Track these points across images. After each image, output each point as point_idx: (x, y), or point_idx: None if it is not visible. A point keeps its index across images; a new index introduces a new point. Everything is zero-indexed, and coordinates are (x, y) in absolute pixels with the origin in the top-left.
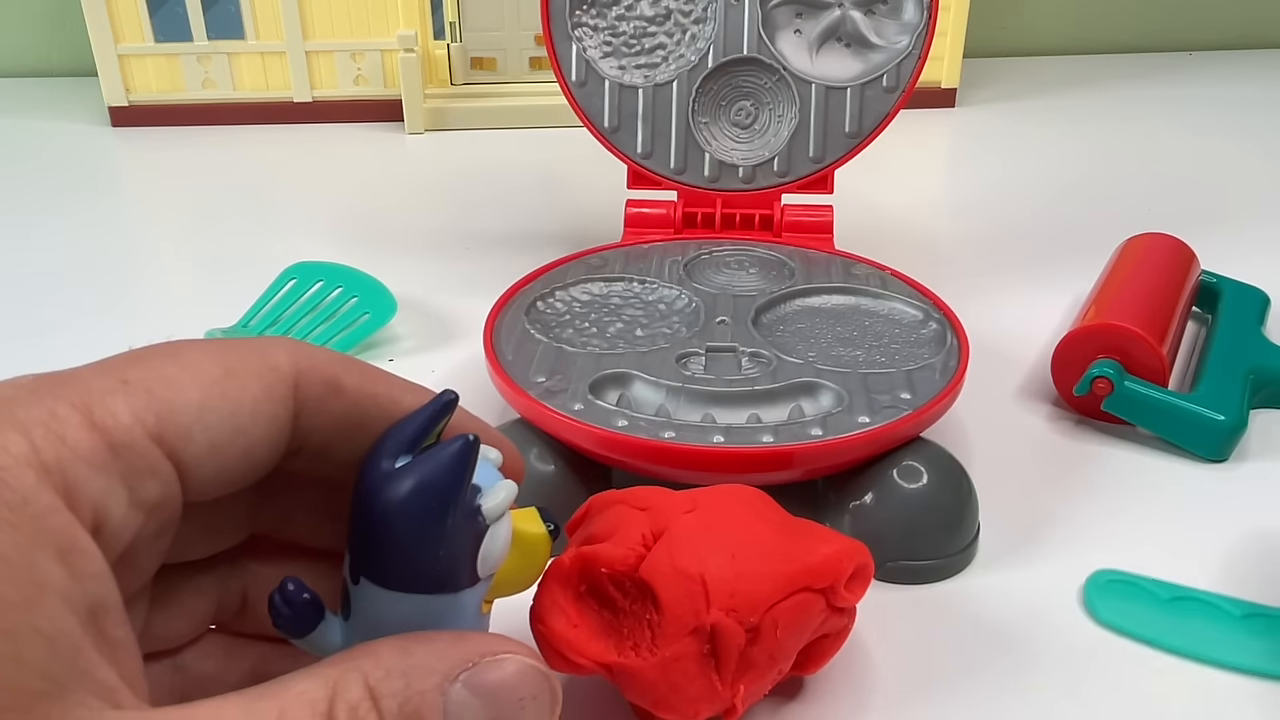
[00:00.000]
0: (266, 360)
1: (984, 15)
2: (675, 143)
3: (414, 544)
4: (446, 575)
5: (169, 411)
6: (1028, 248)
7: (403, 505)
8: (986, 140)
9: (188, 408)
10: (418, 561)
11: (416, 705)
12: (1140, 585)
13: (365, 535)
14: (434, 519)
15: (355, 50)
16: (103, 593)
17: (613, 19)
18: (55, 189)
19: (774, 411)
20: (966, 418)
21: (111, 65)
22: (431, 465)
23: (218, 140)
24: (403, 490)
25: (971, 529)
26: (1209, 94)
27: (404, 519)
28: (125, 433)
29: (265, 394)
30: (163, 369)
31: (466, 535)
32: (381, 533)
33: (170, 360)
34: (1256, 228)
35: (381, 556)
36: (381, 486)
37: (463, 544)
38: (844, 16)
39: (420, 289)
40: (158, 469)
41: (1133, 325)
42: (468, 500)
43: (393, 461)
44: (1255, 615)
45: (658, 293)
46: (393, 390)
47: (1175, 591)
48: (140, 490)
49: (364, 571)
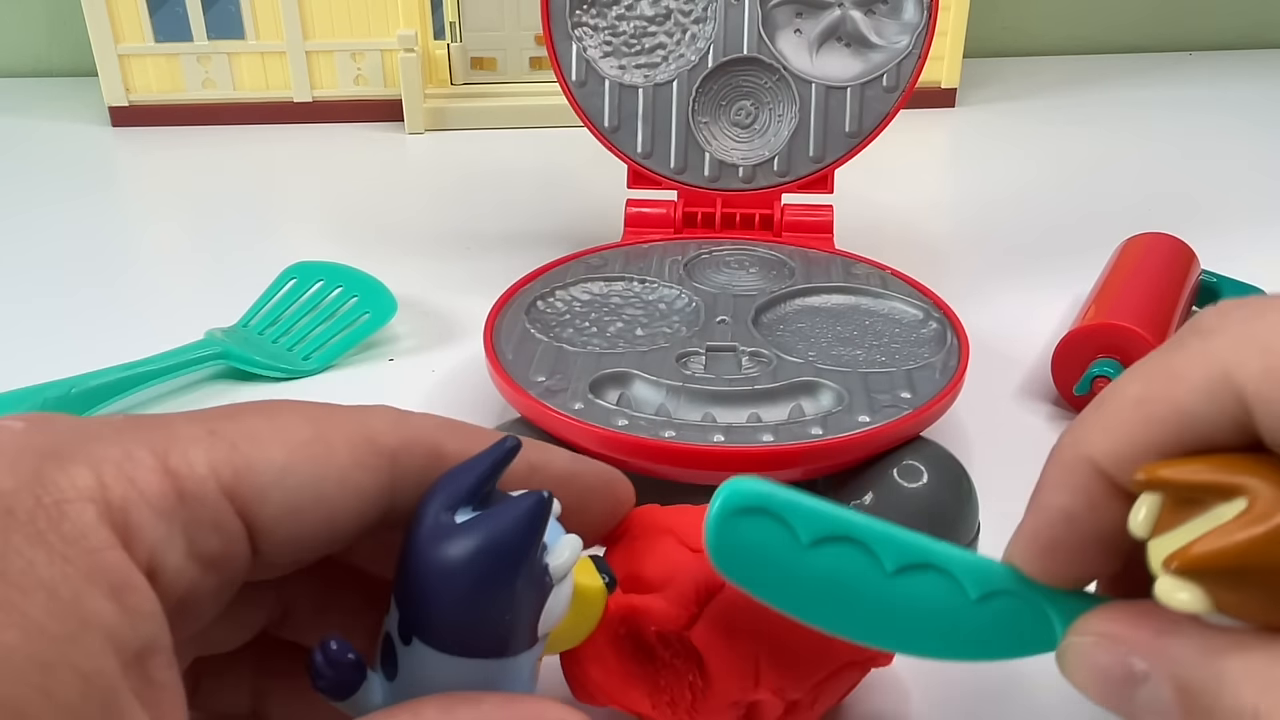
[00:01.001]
0: (364, 429)
1: (984, 15)
2: (675, 142)
3: (478, 608)
4: (507, 639)
5: (249, 468)
6: (1028, 248)
7: (468, 566)
8: (986, 140)
9: (270, 467)
10: (480, 626)
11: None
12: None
13: (421, 594)
14: (503, 583)
15: (355, 50)
16: (153, 633)
17: (613, 19)
18: (55, 189)
19: (774, 411)
20: (966, 417)
21: (111, 65)
22: (501, 524)
23: (218, 140)
24: (468, 550)
25: (971, 528)
26: (1209, 94)
27: (469, 581)
28: (198, 482)
29: (355, 463)
30: (253, 425)
31: (532, 596)
32: (441, 594)
33: (263, 417)
34: (1256, 228)
35: (439, 618)
36: (443, 544)
37: (527, 606)
38: (844, 16)
39: (420, 289)
40: (224, 524)
41: (1133, 325)
42: (536, 560)
43: (452, 515)
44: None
45: (658, 292)
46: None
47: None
48: (201, 543)
49: (417, 632)
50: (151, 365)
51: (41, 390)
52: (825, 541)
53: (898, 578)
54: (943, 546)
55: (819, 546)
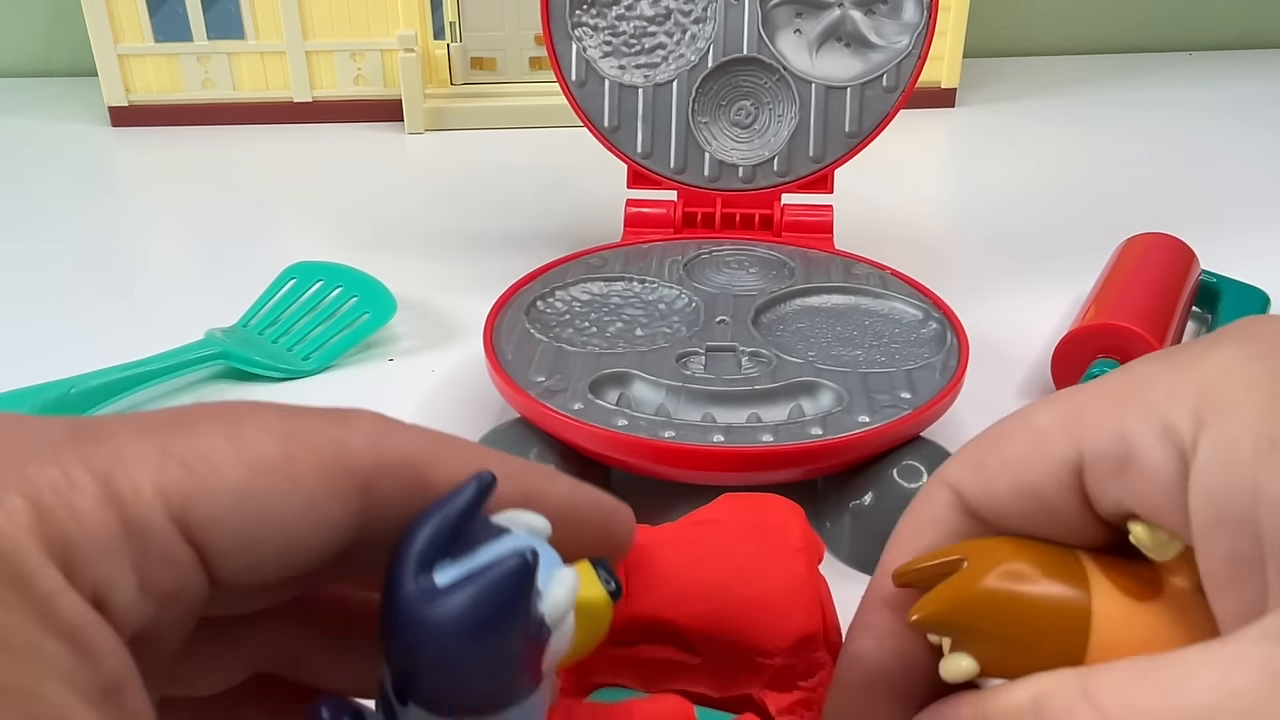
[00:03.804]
0: (337, 448)
1: (984, 15)
2: (675, 142)
3: (471, 671)
4: (510, 690)
5: (202, 493)
6: (1028, 248)
7: (457, 633)
8: (986, 140)
9: (226, 494)
10: (476, 687)
11: None
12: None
13: (410, 660)
14: (495, 647)
15: (355, 50)
16: (117, 668)
17: (613, 19)
18: (55, 189)
19: (774, 411)
20: (966, 417)
21: (111, 65)
22: (485, 589)
23: (218, 140)
24: (454, 616)
25: None
26: (1209, 94)
27: (457, 649)
28: (144, 511)
29: (325, 489)
30: (210, 441)
31: (534, 646)
32: (431, 659)
33: (222, 431)
34: (1256, 228)
35: (432, 684)
36: (426, 611)
37: (526, 656)
38: (844, 16)
39: (420, 289)
40: (176, 557)
41: (1133, 325)
42: (528, 617)
43: (430, 574)
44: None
45: (658, 292)
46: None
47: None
48: (153, 579)
49: (411, 696)
50: (151, 365)
51: (41, 390)
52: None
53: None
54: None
55: None
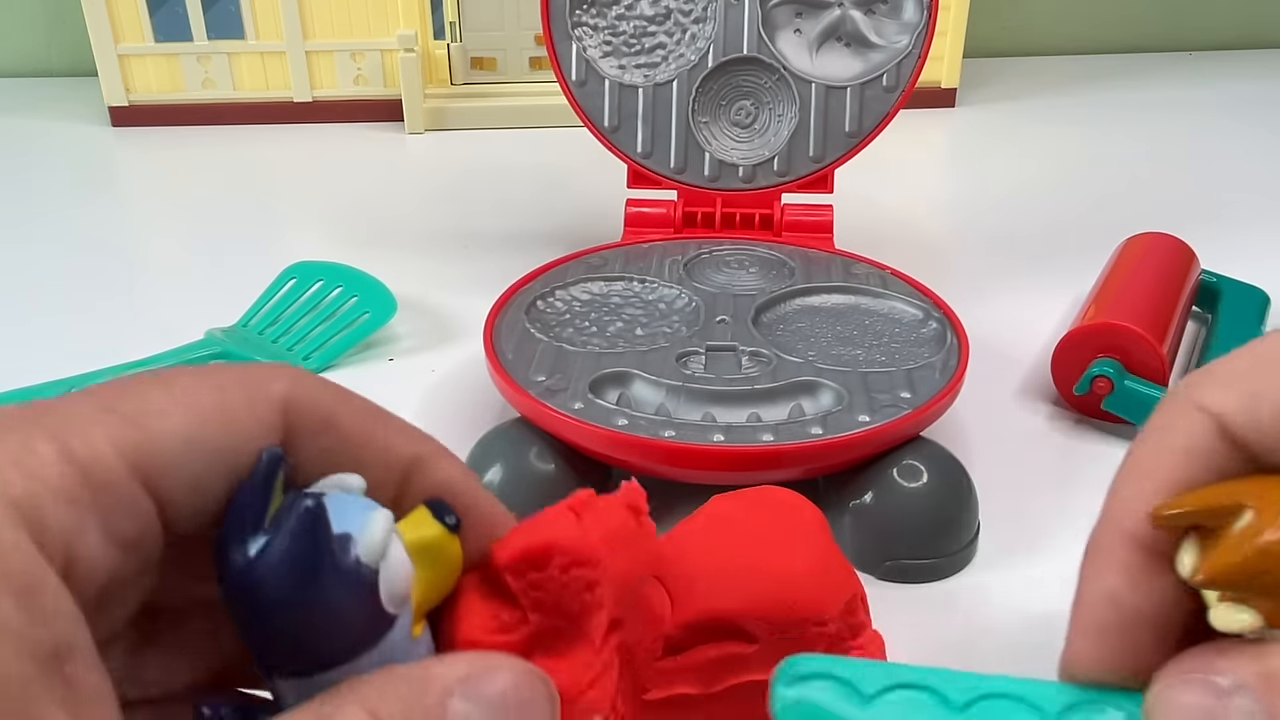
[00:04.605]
0: (260, 389)
1: (984, 15)
2: (675, 142)
3: (307, 627)
4: (359, 634)
5: (151, 443)
6: (1028, 247)
7: (275, 600)
8: (986, 140)
9: (173, 440)
10: (320, 640)
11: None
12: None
13: (252, 633)
14: (317, 596)
15: (355, 50)
16: (67, 635)
17: (613, 18)
18: (55, 189)
19: (774, 410)
20: (966, 417)
21: (111, 65)
22: (284, 544)
23: (218, 140)
24: (268, 585)
25: (971, 528)
26: (1209, 94)
27: (283, 612)
28: (102, 465)
29: (259, 428)
30: (150, 398)
31: (359, 589)
32: (270, 630)
33: (160, 389)
34: (1256, 228)
35: (282, 653)
36: (245, 586)
37: (359, 598)
38: (844, 16)
39: (420, 289)
40: (136, 505)
41: (1133, 324)
42: (340, 559)
43: (245, 551)
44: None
45: (658, 292)
46: (389, 436)
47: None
48: (116, 527)
49: (274, 669)
50: (151, 365)
51: (41, 390)
52: (887, 690)
53: (967, 711)
54: (1004, 679)
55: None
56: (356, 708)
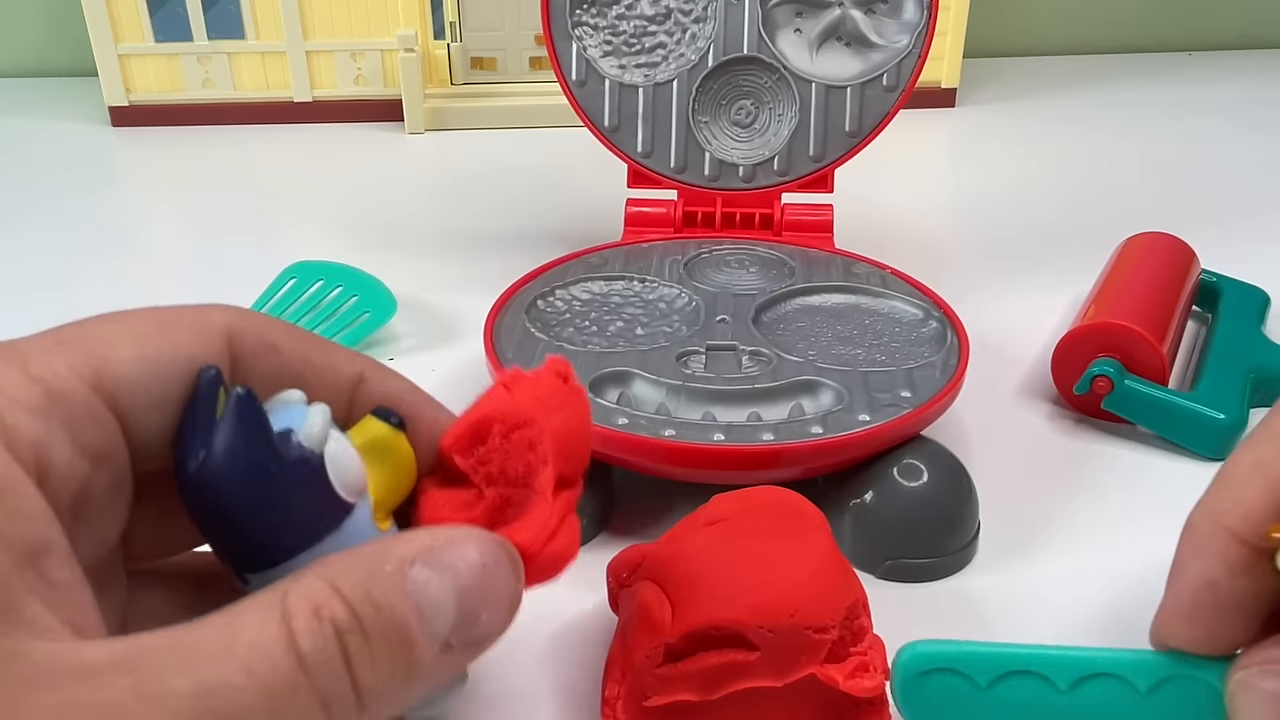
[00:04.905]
0: (201, 317)
1: (984, 15)
2: (675, 142)
3: (265, 516)
4: (319, 517)
5: (106, 365)
6: (1028, 247)
7: (229, 495)
8: (986, 140)
9: (124, 361)
10: (281, 526)
11: (382, 588)
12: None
13: (221, 539)
14: (262, 484)
15: (355, 50)
16: (42, 534)
17: (613, 18)
18: (55, 189)
19: (774, 410)
20: (967, 416)
21: (111, 65)
22: (223, 442)
23: (218, 140)
24: (218, 482)
25: (971, 527)
26: (1209, 94)
27: (239, 504)
28: (63, 383)
29: (201, 346)
30: (98, 329)
31: (307, 474)
32: (233, 528)
33: (106, 321)
34: (1256, 228)
35: (249, 546)
36: (200, 490)
37: (310, 483)
38: (844, 16)
39: (420, 288)
40: (98, 417)
41: (1133, 324)
42: (284, 447)
43: (195, 458)
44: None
45: (658, 291)
46: (331, 356)
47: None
48: (83, 438)
49: (246, 567)
50: None
51: None
52: (1001, 679)
53: (1074, 692)
54: (1106, 652)
55: (996, 685)
56: (315, 578)
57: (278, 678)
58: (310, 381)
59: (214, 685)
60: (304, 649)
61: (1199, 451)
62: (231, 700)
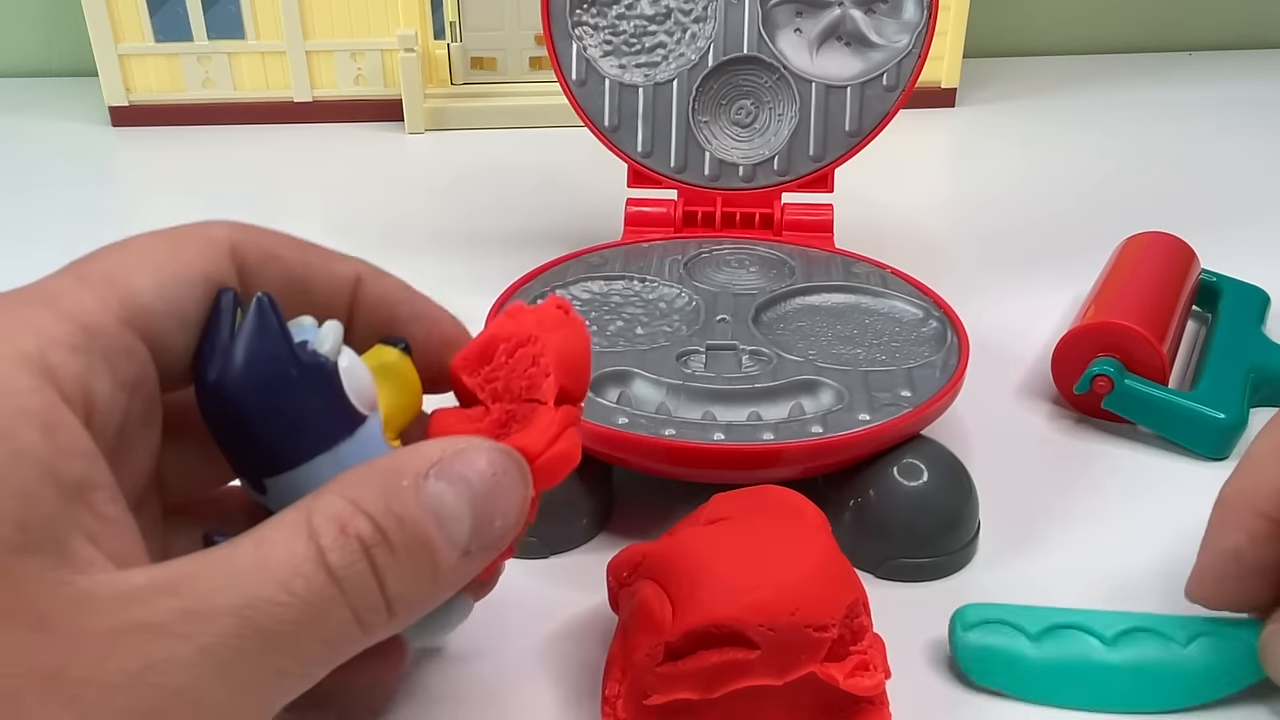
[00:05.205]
0: (206, 235)
1: (984, 15)
2: (675, 141)
3: (283, 417)
4: (334, 422)
5: (130, 295)
6: (1028, 247)
7: (249, 396)
8: (986, 140)
9: (146, 289)
10: (298, 428)
11: (401, 502)
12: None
13: (242, 445)
14: (281, 385)
15: (355, 50)
16: (89, 471)
17: (613, 18)
18: (55, 189)
19: (774, 409)
20: (967, 416)
21: (111, 65)
22: (244, 345)
23: (218, 140)
24: (239, 385)
25: (971, 527)
26: (1209, 94)
27: (259, 405)
28: (94, 318)
29: (213, 265)
30: (114, 260)
31: (323, 379)
32: (252, 432)
33: (120, 252)
34: (1256, 227)
35: (268, 450)
36: (221, 395)
37: (325, 389)
38: (844, 15)
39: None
40: (131, 348)
41: (1133, 323)
42: (299, 351)
43: (216, 367)
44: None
45: (658, 291)
46: (328, 260)
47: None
48: (120, 369)
49: (264, 473)
50: None
51: None
52: (1051, 630)
53: (1117, 642)
54: (1140, 615)
55: (1046, 635)
56: (334, 496)
57: (312, 592)
58: (312, 285)
59: (254, 601)
60: (334, 564)
61: (1199, 451)
62: (272, 614)
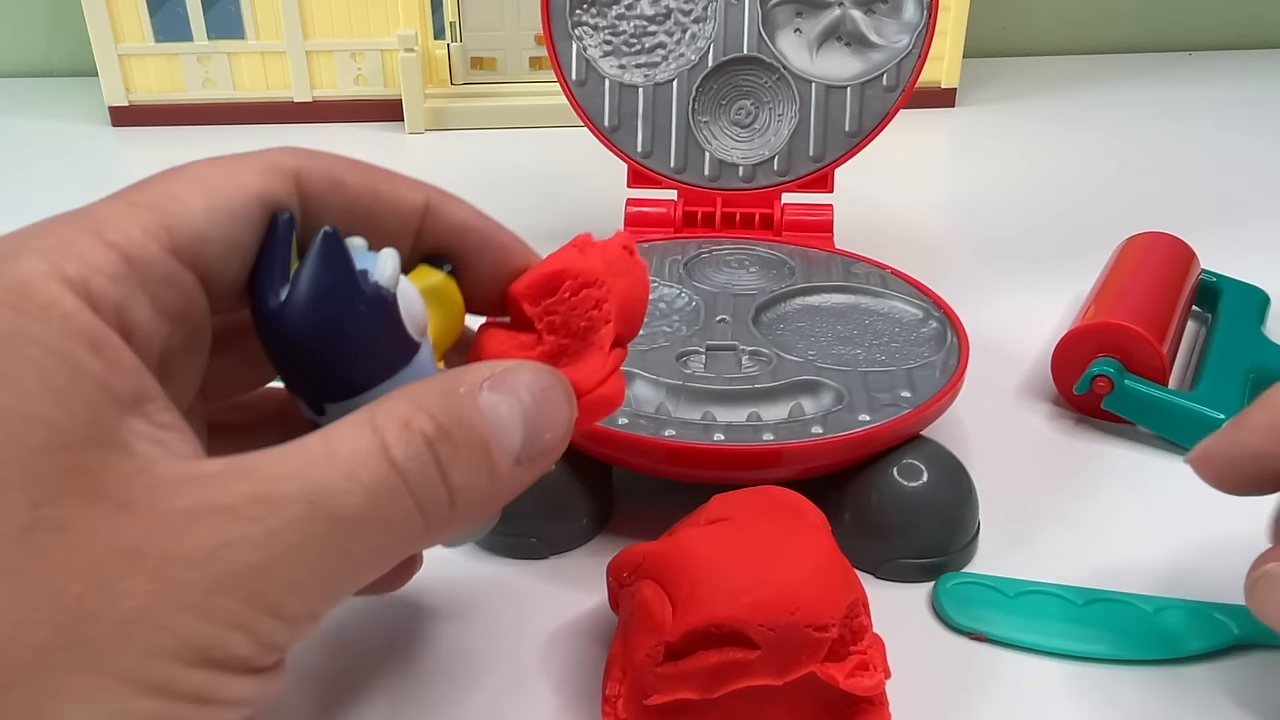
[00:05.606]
0: (265, 159)
1: (984, 15)
2: (675, 142)
3: (348, 350)
4: (394, 352)
5: (178, 222)
6: (1028, 247)
7: (315, 330)
8: (986, 140)
9: (196, 214)
10: (362, 360)
11: (458, 406)
12: (986, 584)
13: (305, 371)
14: (347, 319)
15: (355, 50)
16: (141, 384)
17: (613, 18)
18: (55, 189)
19: (774, 410)
20: (966, 416)
21: (111, 65)
22: (310, 276)
23: (218, 140)
24: (304, 318)
25: (971, 527)
26: (1209, 94)
27: (324, 339)
28: (139, 248)
29: (270, 187)
30: (166, 186)
31: (385, 311)
32: (314, 362)
33: (172, 178)
34: (1256, 227)
35: (330, 379)
36: (284, 323)
37: (386, 319)
38: (844, 15)
39: None
40: (176, 279)
41: (1133, 324)
42: (363, 284)
43: (276, 295)
44: (1095, 601)
45: (658, 291)
46: (396, 186)
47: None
48: (162, 299)
49: (325, 398)
50: None
51: None
52: (1027, 593)
53: (1088, 606)
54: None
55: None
56: (397, 400)
57: (377, 481)
58: (378, 214)
59: (320, 488)
60: (397, 457)
61: None
62: (339, 501)
